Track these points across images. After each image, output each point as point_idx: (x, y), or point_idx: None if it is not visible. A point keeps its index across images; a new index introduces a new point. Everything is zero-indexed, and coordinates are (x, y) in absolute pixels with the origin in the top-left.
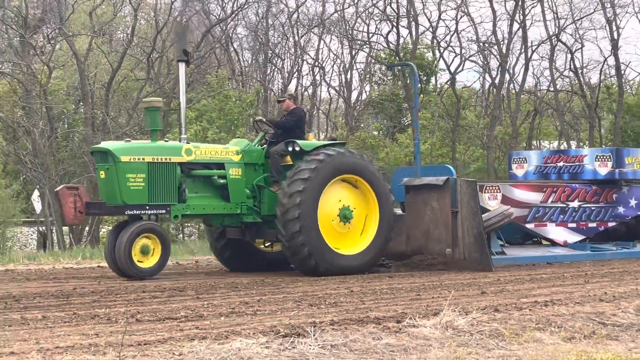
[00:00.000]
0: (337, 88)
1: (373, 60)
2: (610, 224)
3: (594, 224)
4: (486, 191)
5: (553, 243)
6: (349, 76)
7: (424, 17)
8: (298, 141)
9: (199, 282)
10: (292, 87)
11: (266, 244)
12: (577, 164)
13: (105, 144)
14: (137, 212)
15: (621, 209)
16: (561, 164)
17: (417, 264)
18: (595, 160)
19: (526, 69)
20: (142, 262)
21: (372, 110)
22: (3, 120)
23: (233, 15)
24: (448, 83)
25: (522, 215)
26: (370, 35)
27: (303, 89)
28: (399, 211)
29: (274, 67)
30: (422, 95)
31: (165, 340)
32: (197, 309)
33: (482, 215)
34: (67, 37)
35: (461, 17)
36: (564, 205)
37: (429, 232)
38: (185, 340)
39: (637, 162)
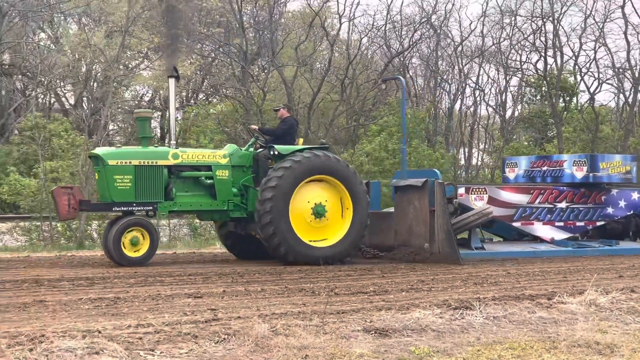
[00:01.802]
0: (494, 107)
1: (524, 84)
2: (599, 223)
3: (581, 223)
4: (473, 192)
5: (542, 240)
6: (504, 97)
7: (567, 48)
8: (276, 146)
9: (383, 264)
10: (457, 108)
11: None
12: (557, 168)
13: (96, 150)
14: (125, 208)
15: (610, 210)
16: (545, 168)
17: (402, 256)
18: (573, 165)
19: None
20: (131, 252)
21: (523, 124)
22: (228, 134)
23: (409, 48)
24: (588, 102)
25: (508, 215)
26: (522, 63)
27: (466, 108)
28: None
29: (442, 90)
30: (565, 113)
31: (358, 310)
32: (383, 285)
33: (463, 214)
34: (278, 67)
35: (599, 47)
36: (552, 205)
37: (411, 228)
38: (374, 310)
39: (612, 167)
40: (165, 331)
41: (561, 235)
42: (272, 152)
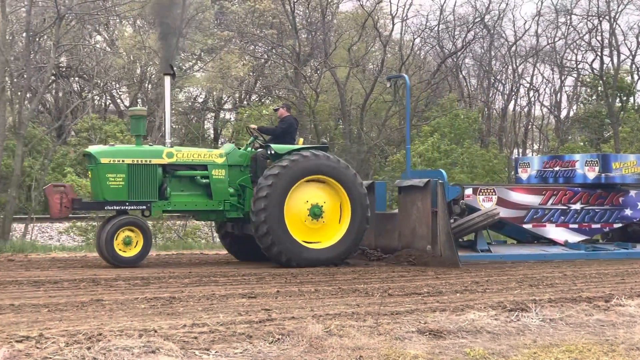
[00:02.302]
0: (549, 107)
1: (580, 84)
2: (616, 225)
3: (597, 225)
4: (480, 193)
5: (555, 242)
6: (559, 97)
7: (624, 47)
8: (273, 145)
9: (436, 267)
10: (511, 108)
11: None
12: (569, 168)
13: (89, 148)
14: (117, 207)
15: (628, 212)
16: (557, 168)
17: (405, 259)
18: (585, 165)
19: None
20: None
21: (578, 125)
22: None
23: (462, 49)
24: None
25: (519, 216)
26: (578, 63)
27: (520, 108)
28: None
29: (495, 90)
30: (622, 113)
31: (412, 311)
32: (437, 286)
33: (468, 216)
34: (331, 68)
35: None
36: (565, 207)
37: (415, 230)
38: (428, 311)
39: (626, 167)
40: (220, 331)
41: (575, 238)
42: (269, 152)
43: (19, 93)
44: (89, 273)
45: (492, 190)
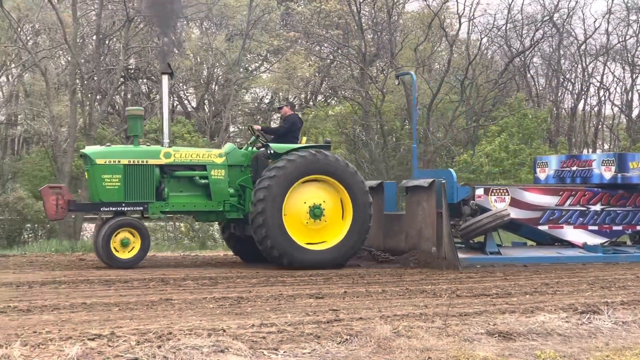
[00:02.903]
0: (620, 106)
1: None
2: (639, 227)
3: (619, 227)
4: (493, 194)
5: (573, 245)
6: (630, 96)
7: None
8: (272, 145)
9: (505, 267)
10: (580, 108)
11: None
12: (587, 168)
13: (85, 149)
14: (113, 209)
15: None
16: (574, 168)
17: (411, 261)
18: (602, 165)
19: None
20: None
21: None
22: (346, 135)
23: (531, 48)
24: None
25: (534, 218)
26: None
27: (590, 108)
28: None
29: (564, 90)
30: None
31: (481, 312)
32: (506, 288)
33: (476, 217)
34: (397, 69)
35: None
36: (584, 208)
37: (421, 231)
38: (497, 313)
39: None
40: (288, 331)
41: (595, 240)
42: (268, 152)
43: (90, 95)
44: (158, 272)
45: (504, 191)
